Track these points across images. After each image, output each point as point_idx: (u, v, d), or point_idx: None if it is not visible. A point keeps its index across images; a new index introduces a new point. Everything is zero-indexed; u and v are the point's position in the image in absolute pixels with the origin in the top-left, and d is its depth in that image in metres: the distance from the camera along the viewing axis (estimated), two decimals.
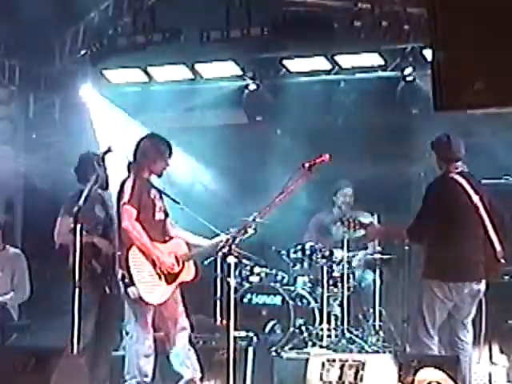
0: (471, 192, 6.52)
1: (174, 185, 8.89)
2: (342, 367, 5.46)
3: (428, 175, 8.91)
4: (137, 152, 6.82)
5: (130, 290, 6.56)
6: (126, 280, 6.54)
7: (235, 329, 5.88)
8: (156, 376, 6.93)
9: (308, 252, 8.60)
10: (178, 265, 6.74)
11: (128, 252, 6.55)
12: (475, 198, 6.52)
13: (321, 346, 8.14)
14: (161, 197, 6.88)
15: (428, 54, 8.18)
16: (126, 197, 6.57)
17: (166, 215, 6.90)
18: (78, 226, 6.38)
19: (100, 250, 7.13)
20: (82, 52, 9.97)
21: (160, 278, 6.66)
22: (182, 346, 6.81)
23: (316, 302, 8.50)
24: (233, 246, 5.88)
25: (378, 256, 8.70)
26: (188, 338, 6.88)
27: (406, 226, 6.68)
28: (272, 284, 8.62)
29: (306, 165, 5.94)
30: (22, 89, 10.27)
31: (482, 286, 6.58)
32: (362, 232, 7.27)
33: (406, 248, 8.42)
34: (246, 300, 8.47)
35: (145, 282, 6.57)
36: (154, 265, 6.64)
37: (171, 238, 6.86)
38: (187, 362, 6.79)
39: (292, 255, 8.68)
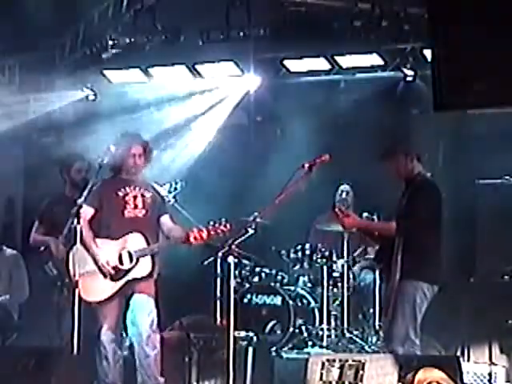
0: None
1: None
2: (341, 367, 5.45)
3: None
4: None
5: None
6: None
7: (235, 329, 5.88)
8: None
9: (308, 252, 8.60)
10: (131, 261, 6.58)
11: (71, 249, 6.58)
12: None
13: (321, 346, 8.14)
14: (143, 194, 6.78)
15: (428, 53, 8.18)
16: (83, 197, 6.61)
17: (150, 211, 6.75)
18: (79, 227, 6.40)
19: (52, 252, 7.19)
20: (82, 52, 9.97)
21: (105, 275, 6.62)
22: None
23: (316, 302, 8.49)
24: (233, 246, 5.90)
25: None
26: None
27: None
28: (272, 284, 8.61)
29: (306, 165, 5.94)
30: (22, 89, 10.26)
31: None
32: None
33: None
34: (245, 300, 8.46)
35: (84, 279, 6.48)
36: (95, 262, 6.64)
37: (128, 233, 6.67)
38: None
39: (292, 255, 8.68)
